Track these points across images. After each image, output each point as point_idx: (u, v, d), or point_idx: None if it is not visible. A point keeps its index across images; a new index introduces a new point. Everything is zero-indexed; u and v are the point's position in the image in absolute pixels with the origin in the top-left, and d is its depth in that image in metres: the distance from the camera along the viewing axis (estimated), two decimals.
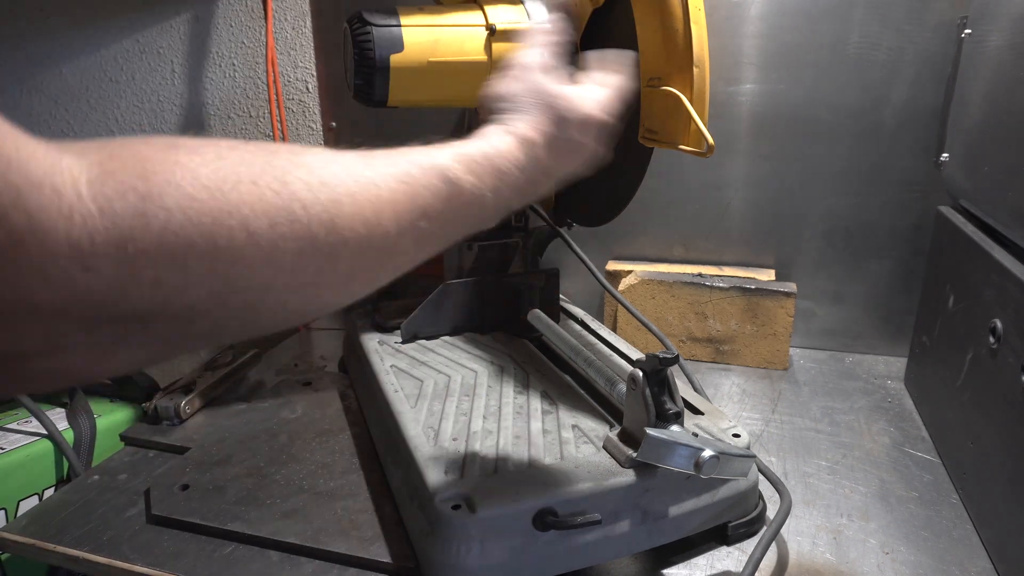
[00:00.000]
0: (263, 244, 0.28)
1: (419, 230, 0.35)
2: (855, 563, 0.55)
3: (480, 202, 0.38)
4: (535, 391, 0.67)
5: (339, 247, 0.31)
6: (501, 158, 0.39)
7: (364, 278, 0.34)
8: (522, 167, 0.40)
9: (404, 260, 0.36)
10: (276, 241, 0.28)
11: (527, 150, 0.41)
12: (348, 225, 0.31)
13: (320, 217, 0.30)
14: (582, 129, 0.44)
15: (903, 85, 0.84)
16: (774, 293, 0.87)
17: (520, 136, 0.41)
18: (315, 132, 1.10)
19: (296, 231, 0.29)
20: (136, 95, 1.19)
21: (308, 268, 0.30)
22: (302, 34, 1.06)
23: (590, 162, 0.46)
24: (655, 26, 0.60)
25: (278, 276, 0.29)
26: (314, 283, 0.31)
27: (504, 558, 0.48)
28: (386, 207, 0.33)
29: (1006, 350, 0.55)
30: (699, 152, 0.56)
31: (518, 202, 0.41)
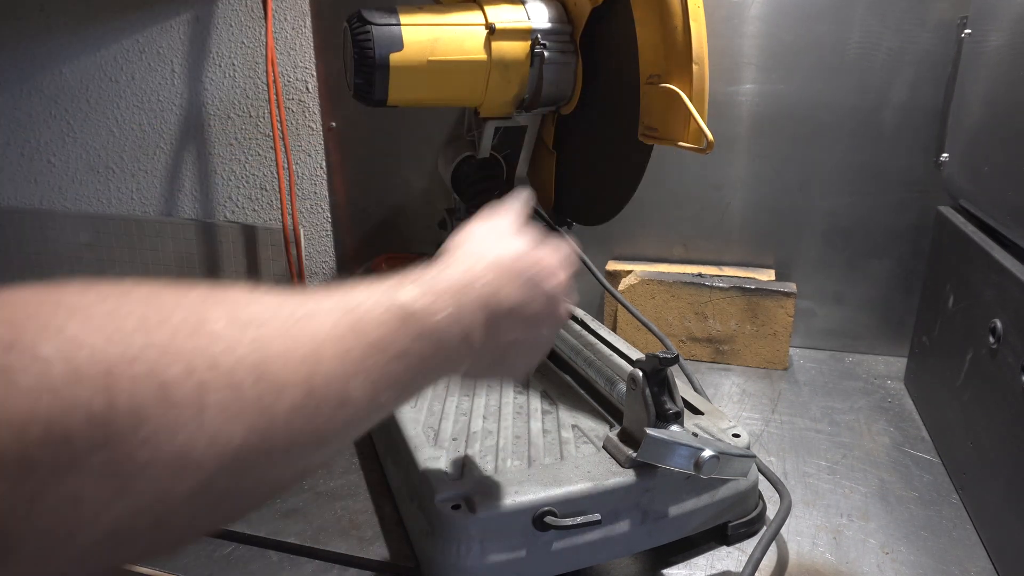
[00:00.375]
0: (179, 399, 0.21)
1: (372, 370, 0.28)
2: (855, 563, 0.55)
3: (443, 332, 0.32)
4: (535, 391, 0.67)
5: (272, 397, 0.24)
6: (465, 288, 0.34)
7: (308, 440, 0.26)
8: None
9: (359, 412, 0.28)
10: (197, 394, 0.22)
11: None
12: (282, 368, 0.25)
13: (247, 360, 0.24)
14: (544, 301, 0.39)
15: (903, 85, 0.84)
16: (774, 293, 0.87)
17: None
18: (315, 132, 1.10)
19: (218, 379, 0.23)
20: (136, 95, 1.19)
21: (235, 431, 0.23)
22: (302, 34, 1.06)
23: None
24: (655, 23, 0.60)
25: (197, 442, 0.22)
26: (246, 456, 0.23)
27: (504, 558, 0.48)
28: (327, 343, 0.27)
29: (1006, 350, 0.55)
30: (699, 148, 0.56)
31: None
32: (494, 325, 0.36)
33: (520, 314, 0.38)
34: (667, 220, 0.96)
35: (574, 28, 0.71)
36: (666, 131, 0.60)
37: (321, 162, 1.11)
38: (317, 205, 1.14)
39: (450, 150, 0.84)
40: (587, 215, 0.78)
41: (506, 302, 0.37)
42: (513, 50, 0.69)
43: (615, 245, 1.00)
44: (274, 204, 1.17)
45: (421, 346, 0.31)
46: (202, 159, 1.19)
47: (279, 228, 1.15)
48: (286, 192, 1.12)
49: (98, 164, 1.26)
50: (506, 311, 0.37)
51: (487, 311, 0.36)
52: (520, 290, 0.38)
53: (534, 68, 0.70)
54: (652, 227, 0.97)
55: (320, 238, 1.16)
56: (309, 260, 1.18)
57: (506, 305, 0.37)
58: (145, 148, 1.22)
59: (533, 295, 0.38)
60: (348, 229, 1.14)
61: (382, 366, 0.29)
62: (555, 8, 0.72)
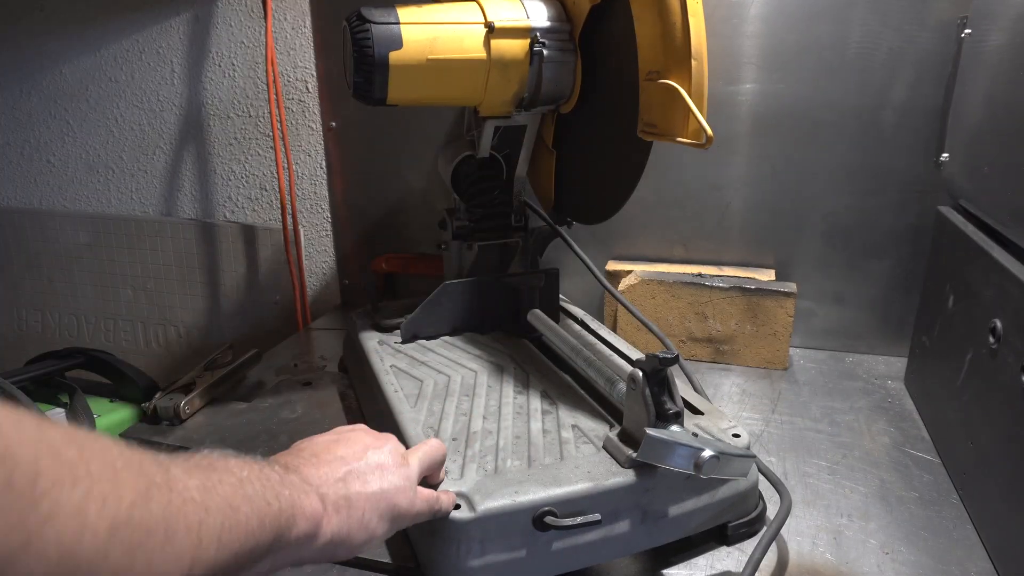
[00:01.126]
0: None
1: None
2: (855, 563, 0.55)
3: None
4: (535, 391, 0.66)
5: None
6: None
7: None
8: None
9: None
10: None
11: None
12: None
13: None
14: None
15: (903, 85, 0.84)
16: (774, 293, 0.87)
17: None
18: (315, 132, 1.10)
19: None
20: (136, 95, 1.19)
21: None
22: (302, 34, 1.06)
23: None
24: (653, 20, 0.60)
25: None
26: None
27: (504, 558, 0.48)
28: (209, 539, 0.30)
29: (1006, 350, 0.55)
30: (698, 144, 0.56)
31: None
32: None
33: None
34: (667, 220, 0.96)
35: (573, 26, 0.71)
36: (665, 127, 0.60)
37: (321, 162, 1.11)
38: (317, 205, 1.14)
39: (450, 150, 0.84)
40: (587, 214, 0.78)
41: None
42: (512, 48, 0.69)
43: (615, 245, 1.00)
44: (274, 204, 1.17)
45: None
46: (202, 159, 1.19)
47: (279, 228, 1.15)
48: (286, 192, 1.12)
49: (98, 164, 1.26)
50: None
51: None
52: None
53: (533, 66, 0.70)
54: (652, 227, 0.97)
55: (320, 238, 1.16)
56: (309, 260, 1.18)
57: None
58: (145, 148, 1.22)
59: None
60: (348, 229, 1.14)
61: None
62: (554, 6, 0.72)
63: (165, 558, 0.27)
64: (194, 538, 0.29)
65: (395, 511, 0.43)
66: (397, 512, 0.43)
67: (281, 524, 0.35)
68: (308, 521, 0.37)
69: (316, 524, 0.38)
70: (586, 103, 0.73)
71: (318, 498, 0.39)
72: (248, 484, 0.34)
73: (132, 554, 0.25)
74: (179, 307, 1.28)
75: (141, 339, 1.33)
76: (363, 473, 0.43)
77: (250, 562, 0.33)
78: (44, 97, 1.24)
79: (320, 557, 0.40)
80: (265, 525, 0.33)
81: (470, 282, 0.80)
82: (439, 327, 0.80)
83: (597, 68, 0.71)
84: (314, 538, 0.38)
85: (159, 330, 1.31)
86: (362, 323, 0.83)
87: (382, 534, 0.43)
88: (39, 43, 1.21)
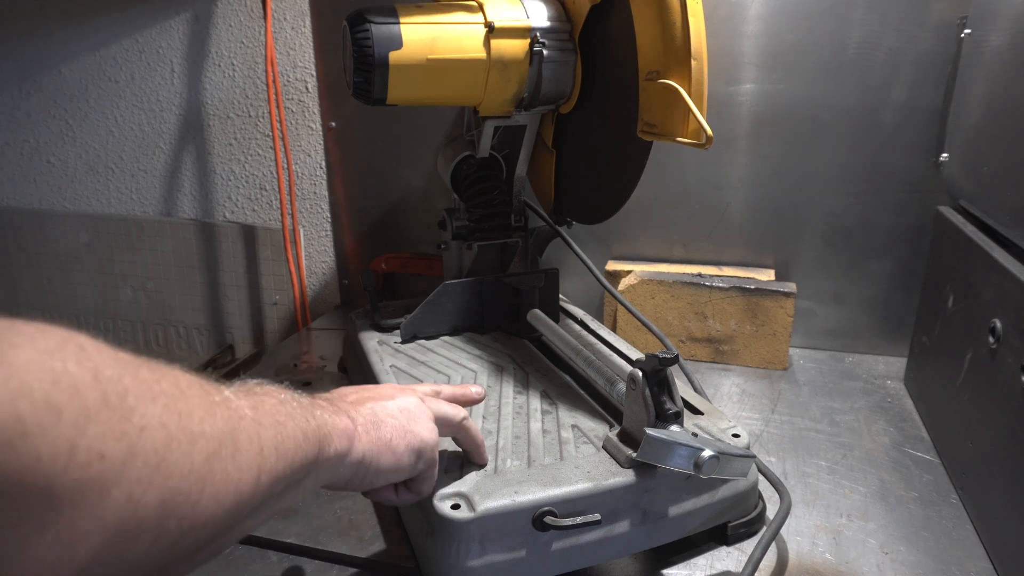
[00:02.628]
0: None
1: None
2: (855, 563, 0.55)
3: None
4: (535, 391, 0.66)
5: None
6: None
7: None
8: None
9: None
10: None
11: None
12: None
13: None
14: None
15: (903, 85, 0.84)
16: (774, 293, 0.87)
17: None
18: (315, 132, 1.10)
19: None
20: (135, 95, 1.19)
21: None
22: (301, 34, 1.06)
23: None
24: (653, 19, 0.60)
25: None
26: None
27: (504, 558, 0.48)
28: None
29: (1006, 350, 0.55)
30: (698, 144, 0.56)
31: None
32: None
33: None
34: (667, 220, 0.96)
35: (573, 26, 0.71)
36: (665, 127, 0.60)
37: (321, 162, 1.11)
38: (317, 205, 1.14)
39: (450, 150, 0.84)
40: (587, 213, 0.78)
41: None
42: (512, 48, 0.69)
43: (615, 245, 1.00)
44: (274, 204, 1.17)
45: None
46: (201, 159, 1.19)
47: (279, 228, 1.15)
48: (286, 192, 1.12)
49: (97, 164, 1.26)
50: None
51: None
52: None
53: (533, 66, 0.70)
54: (652, 227, 0.97)
55: (320, 238, 1.16)
56: (309, 260, 1.18)
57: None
58: (144, 148, 1.22)
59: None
60: (348, 229, 1.14)
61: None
62: (554, 6, 0.72)
63: (237, 466, 0.29)
64: (256, 449, 0.30)
65: (422, 444, 0.45)
66: (424, 445, 0.45)
67: (320, 438, 0.37)
68: (342, 437, 0.39)
69: (350, 440, 0.40)
70: (586, 103, 0.73)
71: (349, 419, 0.41)
72: (287, 404, 0.36)
73: (210, 463, 0.27)
74: (179, 307, 1.28)
75: (141, 339, 1.33)
76: (389, 409, 0.45)
77: (303, 473, 0.35)
78: (44, 97, 1.24)
79: (354, 480, 0.42)
80: (308, 438, 0.35)
81: (470, 282, 0.80)
82: (439, 327, 0.80)
83: (597, 68, 0.71)
84: (347, 455, 0.40)
85: (159, 330, 1.31)
86: (362, 323, 0.83)
87: (407, 465, 0.45)
88: (39, 43, 1.21)
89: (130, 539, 0.23)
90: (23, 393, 0.20)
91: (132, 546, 0.24)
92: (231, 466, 0.28)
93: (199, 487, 0.26)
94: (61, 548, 0.21)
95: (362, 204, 1.11)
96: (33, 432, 0.20)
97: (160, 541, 0.25)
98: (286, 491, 0.34)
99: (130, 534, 0.23)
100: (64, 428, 0.21)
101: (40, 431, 0.20)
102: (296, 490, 0.36)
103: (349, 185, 1.11)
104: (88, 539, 0.22)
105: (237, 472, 0.29)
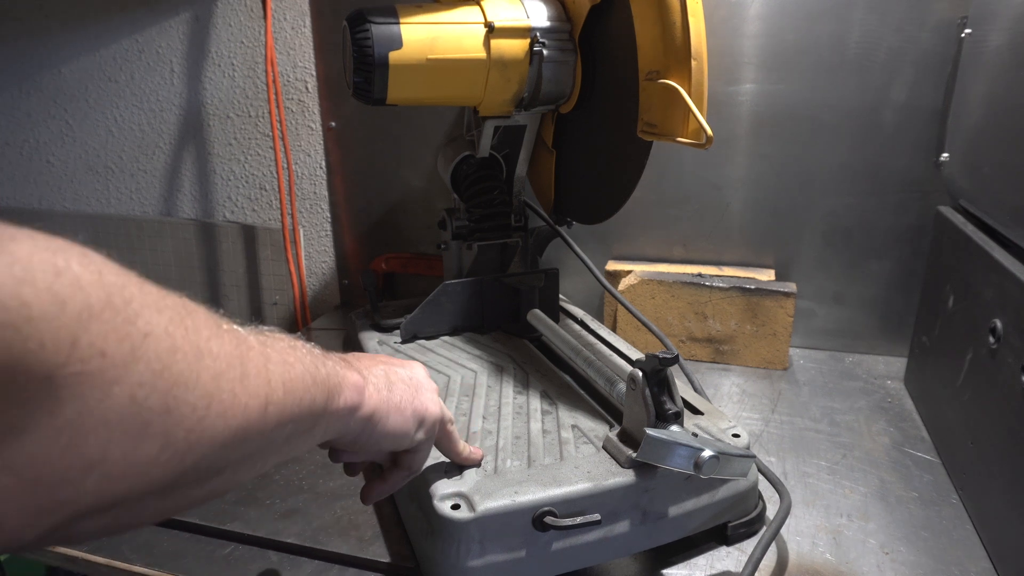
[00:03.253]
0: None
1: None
2: (855, 563, 0.55)
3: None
4: (535, 391, 0.66)
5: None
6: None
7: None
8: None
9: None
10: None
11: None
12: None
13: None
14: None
15: (903, 85, 0.84)
16: (774, 293, 0.87)
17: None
18: (315, 132, 1.10)
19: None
20: (135, 95, 1.19)
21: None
22: (301, 34, 1.06)
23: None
24: (653, 19, 0.60)
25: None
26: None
27: (504, 558, 0.48)
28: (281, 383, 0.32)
29: (1006, 350, 0.55)
30: (698, 144, 0.56)
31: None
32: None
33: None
34: (667, 220, 0.96)
35: (573, 26, 0.71)
36: (665, 127, 0.60)
37: (321, 162, 1.11)
38: (317, 205, 1.14)
39: (450, 150, 0.84)
40: (587, 213, 0.78)
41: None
42: (512, 48, 0.69)
43: (615, 245, 1.00)
44: (273, 204, 1.16)
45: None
46: (201, 159, 1.19)
47: (279, 228, 1.15)
48: (285, 192, 1.12)
49: (97, 164, 1.26)
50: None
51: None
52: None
53: (533, 66, 0.70)
54: (652, 227, 0.97)
55: (320, 238, 1.16)
56: (308, 260, 1.18)
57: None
58: (144, 148, 1.22)
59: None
60: (348, 229, 1.14)
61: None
62: (554, 6, 0.72)
63: (245, 390, 0.29)
64: (264, 380, 0.30)
65: (426, 413, 0.45)
66: (428, 415, 0.46)
67: (330, 387, 0.36)
68: (352, 390, 0.39)
69: (360, 394, 0.40)
70: (586, 103, 0.73)
71: (360, 376, 0.41)
72: (297, 350, 0.35)
73: (217, 382, 0.27)
74: None
75: None
76: (400, 374, 0.45)
77: (311, 420, 0.35)
78: (44, 97, 1.24)
79: (361, 438, 0.41)
80: (318, 383, 0.35)
81: (470, 282, 0.80)
82: (439, 327, 0.80)
83: (597, 68, 0.71)
84: (358, 409, 0.40)
85: None
86: (362, 323, 0.83)
87: (412, 430, 0.45)
88: (38, 42, 1.21)
89: (137, 440, 0.24)
90: (27, 280, 0.20)
91: (140, 449, 0.24)
92: (239, 388, 0.28)
93: (205, 402, 0.26)
94: (69, 436, 0.22)
95: (362, 204, 1.11)
96: (37, 318, 0.20)
97: (168, 450, 0.25)
98: (295, 436, 0.34)
99: (136, 435, 0.24)
100: (67, 320, 0.21)
101: (44, 319, 0.20)
102: (306, 438, 0.36)
103: (349, 185, 1.11)
104: (94, 433, 0.22)
105: (245, 396, 0.29)
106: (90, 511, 0.23)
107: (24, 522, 0.22)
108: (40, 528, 0.22)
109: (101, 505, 0.24)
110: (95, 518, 0.24)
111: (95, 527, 0.25)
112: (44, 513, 0.22)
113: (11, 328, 0.20)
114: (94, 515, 0.24)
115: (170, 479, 0.26)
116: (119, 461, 0.23)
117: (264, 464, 0.33)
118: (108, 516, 0.25)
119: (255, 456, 0.31)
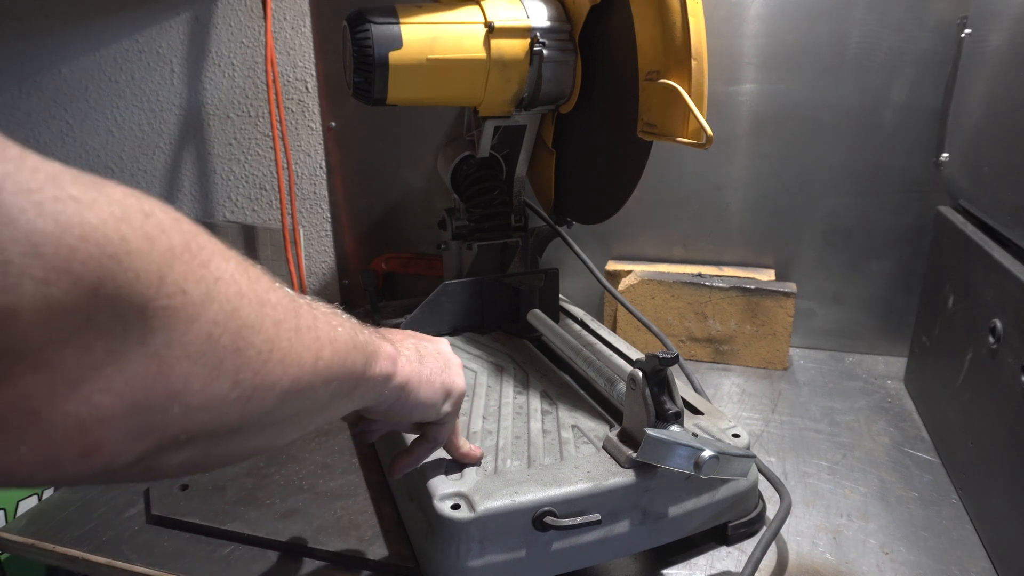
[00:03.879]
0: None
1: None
2: (855, 563, 0.55)
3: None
4: (535, 391, 0.66)
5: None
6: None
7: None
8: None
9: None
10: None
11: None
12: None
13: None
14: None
15: (903, 85, 0.84)
16: (774, 293, 0.87)
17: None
18: (315, 132, 1.10)
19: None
20: (135, 95, 1.19)
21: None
22: (301, 34, 1.06)
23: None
24: (653, 19, 0.60)
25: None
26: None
27: (504, 558, 0.48)
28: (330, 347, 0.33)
29: (1006, 350, 0.55)
30: (698, 144, 0.56)
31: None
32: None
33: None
34: (667, 220, 0.96)
35: (573, 26, 0.71)
36: (665, 127, 0.60)
37: (321, 162, 1.11)
38: (317, 205, 1.14)
39: (450, 150, 0.84)
40: (587, 213, 0.78)
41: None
42: (512, 48, 0.69)
43: (615, 245, 1.00)
44: (274, 204, 1.16)
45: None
46: (201, 159, 1.19)
47: (279, 228, 1.15)
48: (285, 192, 1.12)
49: (97, 164, 1.26)
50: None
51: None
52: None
53: (533, 66, 0.70)
54: (652, 227, 0.97)
55: (320, 238, 1.16)
56: (309, 260, 1.18)
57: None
58: (144, 148, 1.22)
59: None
60: (348, 229, 1.14)
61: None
62: (554, 6, 0.72)
63: (301, 341, 0.30)
64: (314, 335, 0.32)
65: (453, 387, 0.47)
66: (455, 389, 0.47)
67: (368, 354, 0.38)
68: (387, 359, 0.40)
69: (393, 363, 0.41)
70: (586, 103, 0.73)
71: (393, 347, 0.42)
72: (339, 315, 0.37)
73: (277, 328, 0.29)
74: None
75: None
76: (429, 348, 0.47)
77: (351, 383, 0.36)
78: (44, 97, 1.24)
79: (395, 407, 0.43)
80: (358, 347, 0.36)
81: (470, 282, 0.80)
82: (439, 327, 0.80)
83: (597, 68, 0.71)
84: (392, 378, 0.41)
85: None
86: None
87: (440, 402, 0.46)
88: (38, 42, 1.21)
89: (213, 375, 0.25)
90: (124, 218, 0.22)
91: (215, 384, 0.26)
92: (295, 339, 0.30)
93: (268, 347, 0.28)
94: (158, 364, 0.23)
95: (362, 204, 1.11)
96: (134, 252, 0.22)
97: (237, 390, 0.27)
98: (336, 398, 0.35)
99: (212, 370, 0.25)
100: (156, 257, 0.23)
101: (140, 254, 0.22)
102: (345, 402, 0.37)
103: (349, 185, 1.11)
104: (178, 364, 0.24)
105: (300, 347, 0.30)
106: (173, 442, 0.25)
107: (120, 445, 0.23)
108: (133, 452, 0.24)
109: (183, 435, 0.25)
110: (177, 451, 0.26)
111: (176, 461, 0.27)
112: (139, 436, 0.24)
113: (114, 260, 0.21)
114: (176, 447, 0.26)
115: (236, 421, 0.27)
116: (198, 393, 0.25)
117: (308, 423, 0.34)
118: (186, 451, 0.26)
119: (302, 413, 0.32)
